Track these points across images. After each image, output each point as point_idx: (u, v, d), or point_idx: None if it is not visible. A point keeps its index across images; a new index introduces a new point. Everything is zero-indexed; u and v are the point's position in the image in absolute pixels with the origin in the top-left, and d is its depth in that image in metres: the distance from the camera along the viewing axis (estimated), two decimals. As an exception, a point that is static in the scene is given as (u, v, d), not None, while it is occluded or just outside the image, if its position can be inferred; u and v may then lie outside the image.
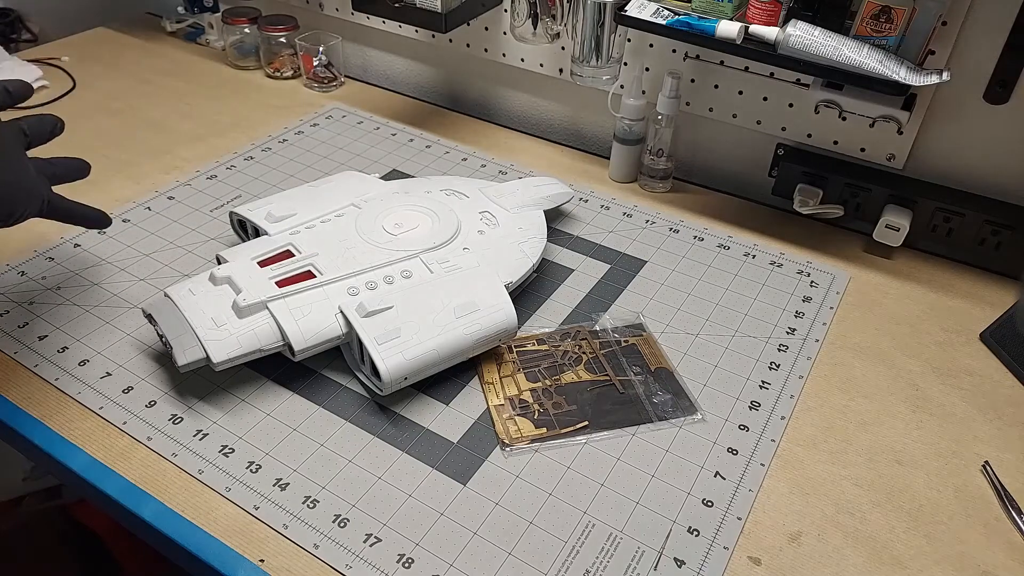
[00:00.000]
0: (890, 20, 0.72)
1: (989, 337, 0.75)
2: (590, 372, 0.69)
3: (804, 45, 0.73)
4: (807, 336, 0.74)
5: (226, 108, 1.08)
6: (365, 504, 0.57)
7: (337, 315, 0.65)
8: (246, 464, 0.60)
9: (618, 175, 0.96)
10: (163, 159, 0.96)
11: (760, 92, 0.90)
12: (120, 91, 1.11)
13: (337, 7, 1.17)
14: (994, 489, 0.61)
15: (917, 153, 0.86)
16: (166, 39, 1.27)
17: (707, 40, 0.78)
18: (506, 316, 0.67)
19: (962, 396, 0.69)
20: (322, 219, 0.74)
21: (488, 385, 0.67)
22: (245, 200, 0.88)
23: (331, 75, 1.14)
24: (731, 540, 0.56)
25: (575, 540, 0.56)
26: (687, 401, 0.67)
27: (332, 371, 0.68)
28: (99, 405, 0.64)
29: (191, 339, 0.61)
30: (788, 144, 0.92)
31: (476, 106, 1.16)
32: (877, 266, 0.84)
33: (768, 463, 0.62)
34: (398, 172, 0.96)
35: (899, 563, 0.56)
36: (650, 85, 0.95)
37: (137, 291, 0.75)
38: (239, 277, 0.65)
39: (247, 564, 0.53)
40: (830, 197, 0.87)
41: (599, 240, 0.86)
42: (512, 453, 0.61)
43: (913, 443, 0.65)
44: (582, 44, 0.88)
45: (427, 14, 0.91)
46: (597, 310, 0.76)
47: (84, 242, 0.81)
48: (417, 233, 0.73)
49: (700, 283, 0.80)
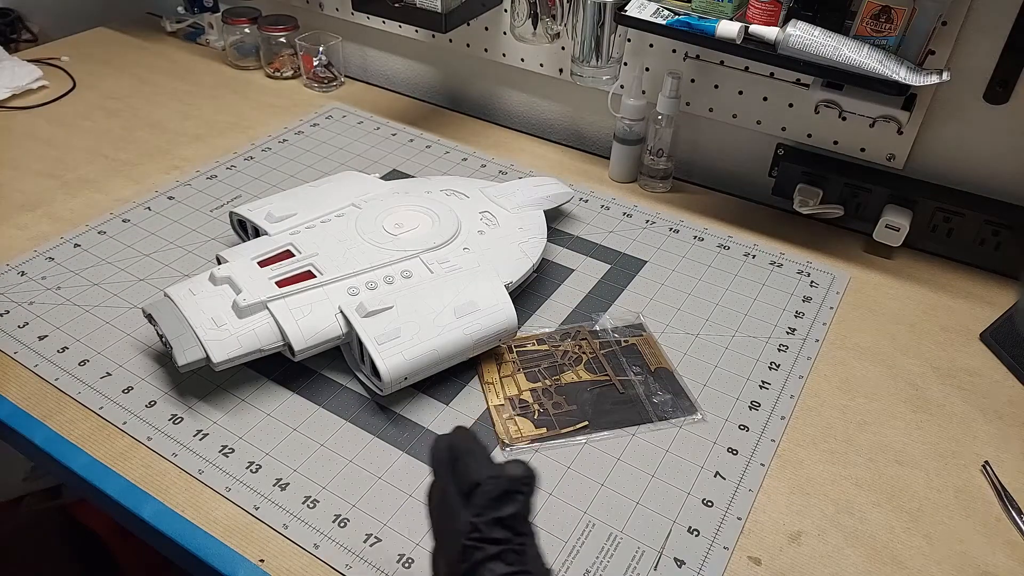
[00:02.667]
0: (890, 20, 0.72)
1: (989, 337, 0.75)
2: (590, 372, 0.69)
3: (804, 45, 0.73)
4: (807, 336, 0.74)
5: (226, 108, 1.08)
6: (365, 504, 0.57)
7: (337, 315, 0.65)
8: (246, 464, 0.60)
9: (618, 175, 0.96)
10: (163, 159, 0.96)
11: (760, 92, 0.90)
12: (120, 91, 1.11)
13: (337, 7, 1.17)
14: (994, 489, 0.61)
15: (917, 153, 0.86)
16: (166, 39, 1.27)
17: (707, 40, 0.78)
18: (506, 316, 0.67)
19: (962, 396, 0.69)
20: (322, 219, 0.74)
21: (488, 385, 0.67)
22: (245, 200, 0.88)
23: (331, 75, 1.14)
24: (731, 540, 0.56)
25: (575, 540, 0.56)
26: (687, 401, 0.67)
27: (332, 371, 0.68)
28: (99, 405, 0.64)
29: (191, 339, 0.61)
30: (788, 144, 0.92)
31: (476, 106, 1.16)
32: (877, 266, 0.84)
33: (768, 463, 0.62)
34: (398, 172, 0.96)
35: (899, 563, 0.56)
36: (650, 85, 0.95)
37: (137, 291, 0.75)
38: (239, 277, 0.65)
39: (247, 564, 0.53)
40: (830, 197, 0.87)
41: (599, 240, 0.86)
42: (512, 453, 0.61)
43: (913, 443, 0.65)
44: (582, 44, 0.88)
45: (427, 14, 0.91)
46: (597, 310, 0.76)
47: (84, 242, 0.81)
48: (417, 233, 0.73)
49: (700, 283, 0.80)
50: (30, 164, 0.94)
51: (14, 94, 1.07)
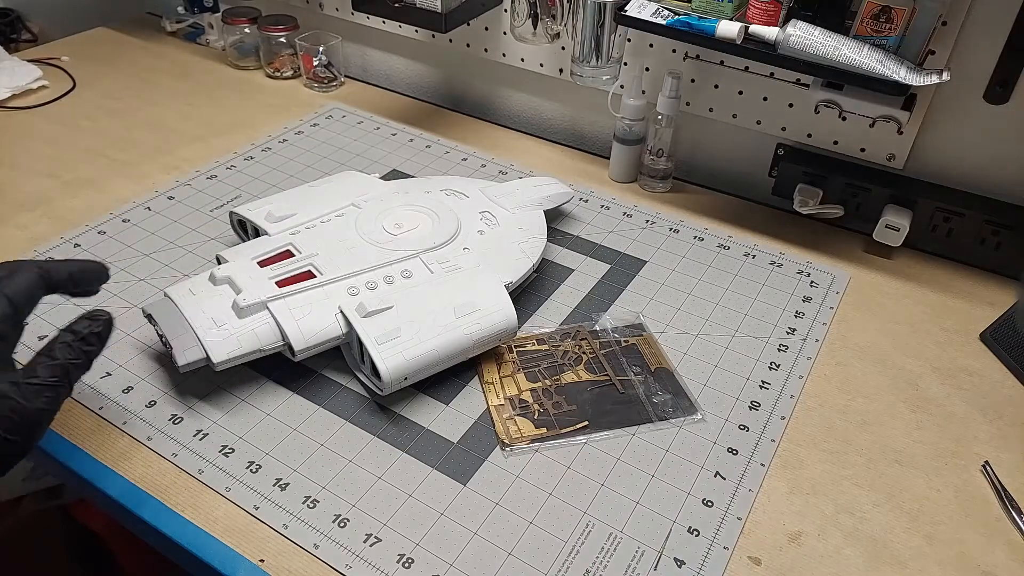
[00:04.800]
0: (890, 20, 0.72)
1: (989, 337, 0.75)
2: (590, 372, 0.69)
3: (804, 45, 0.73)
4: (807, 336, 0.74)
5: (226, 108, 1.08)
6: (365, 504, 0.57)
7: (337, 315, 0.65)
8: (246, 464, 0.60)
9: (618, 175, 0.96)
10: (163, 159, 0.96)
11: (760, 92, 0.90)
12: (120, 91, 1.11)
13: (337, 7, 1.17)
14: (994, 489, 0.61)
15: (917, 153, 0.86)
16: (166, 39, 1.27)
17: (707, 40, 0.78)
18: (506, 316, 0.67)
19: (962, 396, 0.69)
20: (322, 219, 0.74)
21: (488, 385, 0.67)
22: (245, 200, 0.88)
23: (331, 75, 1.14)
24: (731, 540, 0.56)
25: (575, 540, 0.56)
26: (687, 401, 0.67)
27: (332, 371, 0.68)
28: (99, 405, 0.64)
29: (191, 339, 0.61)
30: (788, 144, 0.92)
31: (476, 106, 1.16)
32: (877, 266, 0.84)
33: (768, 463, 0.62)
34: (398, 172, 0.96)
35: (899, 563, 0.56)
36: (650, 85, 0.95)
37: (137, 291, 0.75)
38: (239, 277, 0.65)
39: (247, 564, 0.53)
40: (830, 197, 0.87)
41: (599, 240, 0.86)
42: (512, 453, 0.61)
43: (913, 443, 0.65)
44: (582, 44, 0.88)
45: (427, 14, 0.91)
46: (597, 310, 0.76)
47: (84, 242, 0.81)
48: (417, 233, 0.73)
49: (700, 283, 0.80)
50: (30, 164, 0.94)
51: (14, 94, 1.07)
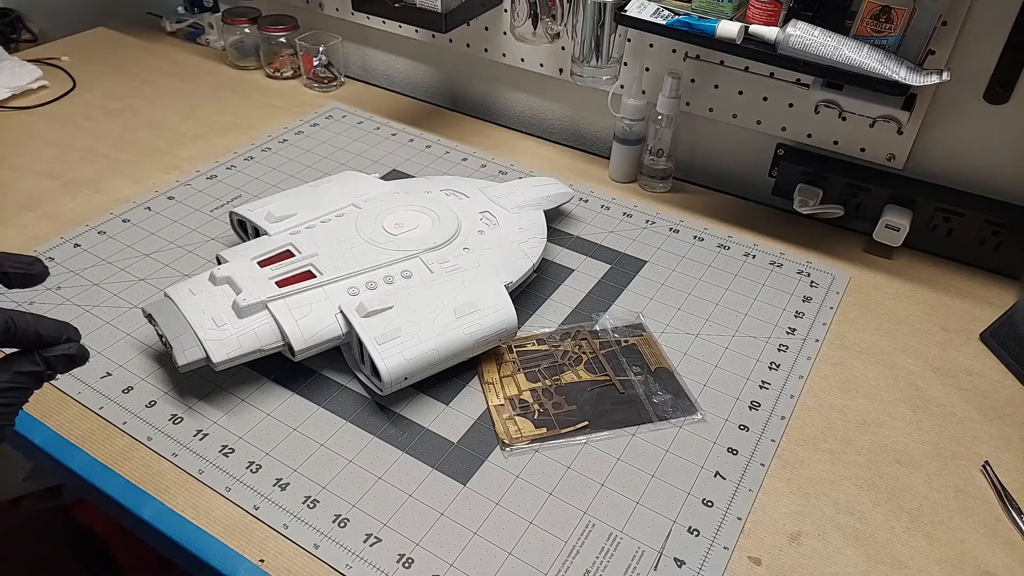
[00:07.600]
0: (890, 20, 0.72)
1: (989, 337, 0.75)
2: (590, 372, 0.69)
3: (804, 45, 0.73)
4: (807, 336, 0.74)
5: (226, 108, 1.08)
6: (365, 504, 0.57)
7: (337, 315, 0.65)
8: (246, 464, 0.60)
9: (618, 175, 0.96)
10: (163, 159, 0.96)
11: (760, 92, 0.90)
12: (120, 91, 1.11)
13: (337, 7, 1.17)
14: (994, 489, 0.61)
15: (917, 153, 0.86)
16: (166, 39, 1.27)
17: (707, 40, 0.78)
18: (506, 316, 0.67)
19: (962, 396, 0.69)
20: (322, 219, 0.74)
21: (488, 385, 0.67)
22: (245, 200, 0.88)
23: (331, 75, 1.14)
24: (731, 540, 0.56)
25: (575, 540, 0.56)
26: (687, 401, 0.67)
27: (332, 371, 0.68)
28: (99, 405, 0.64)
29: (191, 339, 0.61)
30: (788, 144, 0.92)
31: (476, 106, 1.16)
32: (877, 266, 0.84)
33: (768, 463, 0.62)
34: (398, 172, 0.96)
35: (899, 563, 0.56)
36: (650, 85, 0.95)
37: (137, 291, 0.75)
38: (239, 277, 0.65)
39: (247, 564, 0.53)
40: (830, 197, 0.87)
41: (599, 240, 0.86)
42: (512, 453, 0.61)
43: (913, 443, 0.65)
44: (582, 44, 0.88)
45: (427, 14, 0.91)
46: (597, 310, 0.76)
47: (84, 242, 0.81)
48: (417, 233, 0.73)
49: (700, 283, 0.80)
50: (30, 164, 0.94)
51: (14, 94, 1.07)
